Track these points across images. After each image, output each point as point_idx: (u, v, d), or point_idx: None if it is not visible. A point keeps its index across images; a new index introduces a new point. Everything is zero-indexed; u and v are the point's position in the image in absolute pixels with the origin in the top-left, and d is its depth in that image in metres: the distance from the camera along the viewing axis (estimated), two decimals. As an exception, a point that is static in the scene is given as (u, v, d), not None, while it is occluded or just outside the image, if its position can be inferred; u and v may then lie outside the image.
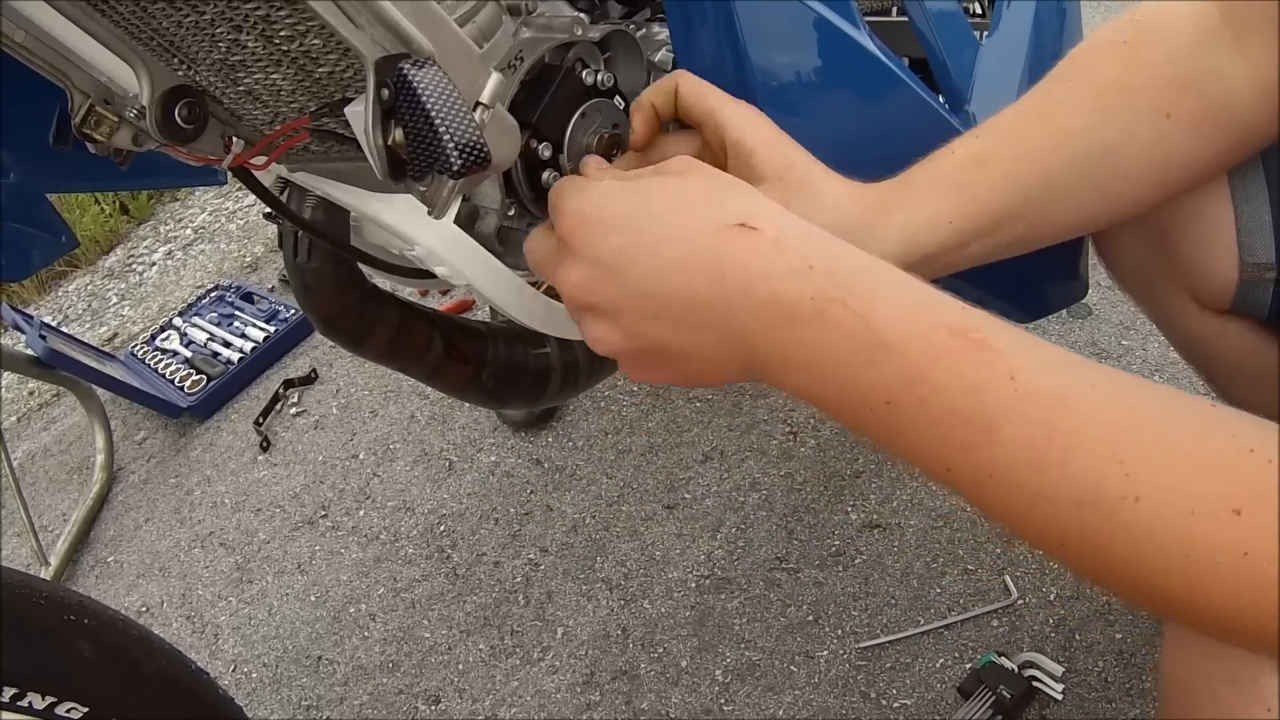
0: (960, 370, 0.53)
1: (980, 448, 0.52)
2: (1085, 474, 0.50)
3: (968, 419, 0.53)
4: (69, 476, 2.53)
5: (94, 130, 0.73)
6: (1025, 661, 1.39)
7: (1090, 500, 0.50)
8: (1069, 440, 0.51)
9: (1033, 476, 0.51)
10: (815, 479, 1.77)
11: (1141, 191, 0.76)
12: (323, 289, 0.94)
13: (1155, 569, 0.49)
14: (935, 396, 0.53)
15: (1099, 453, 0.50)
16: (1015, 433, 0.52)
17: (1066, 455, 0.50)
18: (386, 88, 0.53)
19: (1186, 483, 0.48)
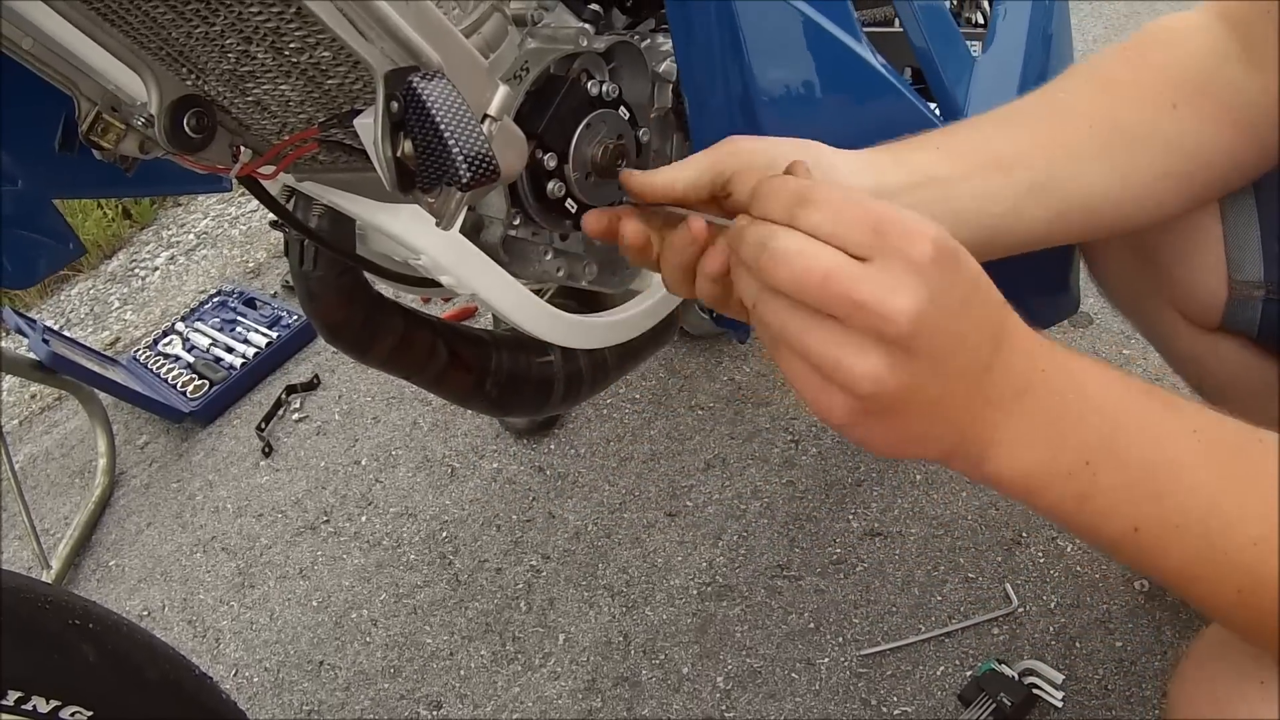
0: (1151, 425, 0.58)
1: (1169, 495, 0.57)
2: (1261, 511, 0.55)
3: (1159, 465, 0.57)
4: (70, 480, 2.53)
5: (101, 137, 0.73)
6: (1026, 669, 1.39)
7: (1265, 536, 0.55)
8: (1247, 483, 0.56)
9: (1218, 521, 0.56)
10: (817, 487, 1.77)
11: (1158, 177, 0.76)
12: (328, 297, 0.94)
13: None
14: (1130, 450, 0.58)
15: (1272, 492, 0.55)
16: (1202, 478, 0.56)
17: (1246, 497, 0.56)
18: (396, 100, 0.53)
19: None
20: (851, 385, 0.55)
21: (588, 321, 1.01)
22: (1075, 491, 0.58)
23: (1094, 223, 0.79)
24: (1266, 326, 0.86)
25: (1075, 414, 0.58)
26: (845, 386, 0.55)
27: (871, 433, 0.58)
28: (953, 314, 0.55)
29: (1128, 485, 0.57)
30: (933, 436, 0.59)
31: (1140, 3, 2.89)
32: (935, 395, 0.56)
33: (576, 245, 0.98)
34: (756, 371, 2.04)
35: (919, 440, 0.59)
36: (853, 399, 0.56)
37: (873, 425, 0.58)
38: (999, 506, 1.63)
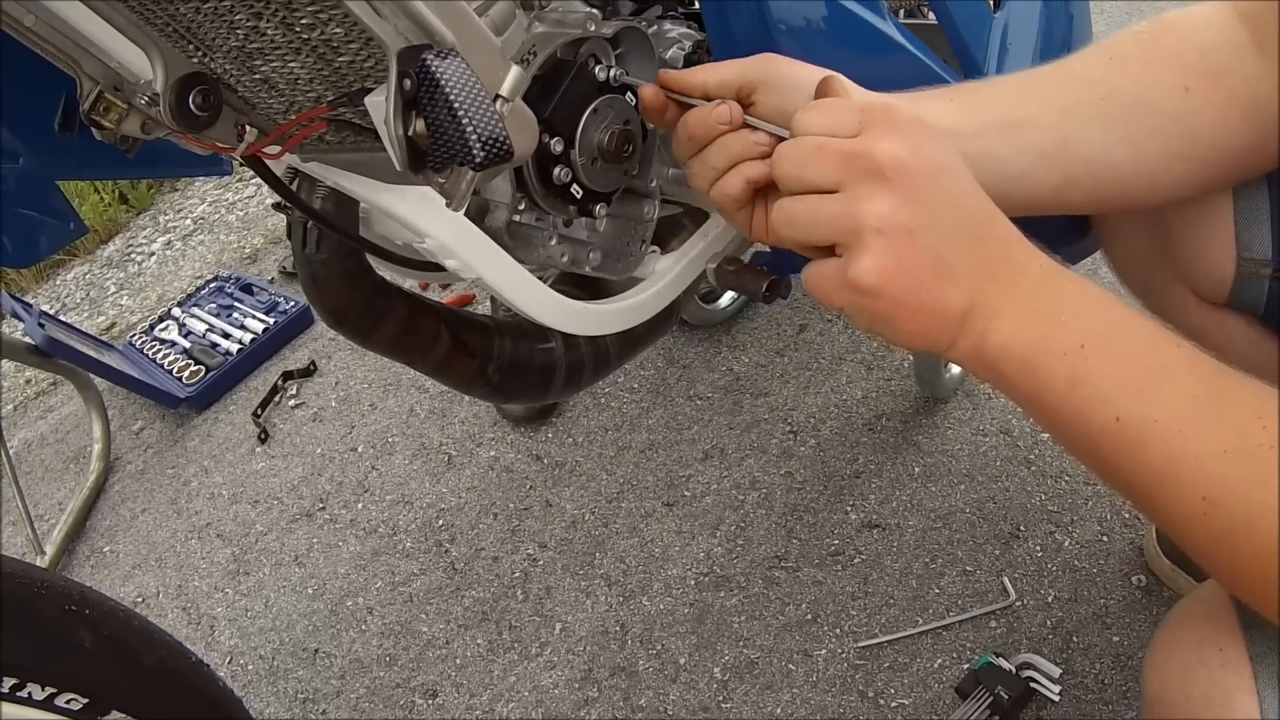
0: (1145, 332, 0.63)
1: (1155, 390, 0.61)
2: (1234, 424, 0.59)
3: (1152, 365, 0.62)
4: (65, 466, 2.52)
5: (102, 117, 0.72)
6: (1023, 663, 1.39)
7: (1235, 447, 0.58)
8: (1224, 396, 0.60)
9: (1193, 424, 0.60)
10: (815, 478, 1.77)
11: (1170, 157, 0.77)
12: (331, 281, 0.94)
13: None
14: (1124, 344, 0.62)
15: (1246, 410, 0.59)
16: (1189, 383, 0.61)
17: (1221, 408, 0.60)
18: (409, 78, 0.53)
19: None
20: (863, 223, 0.62)
21: (591, 308, 1.00)
22: (1068, 373, 0.62)
23: (1103, 193, 0.80)
24: (1271, 305, 0.86)
25: (1074, 304, 0.64)
26: (859, 231, 0.62)
27: (896, 299, 0.63)
28: (934, 166, 0.63)
29: (1117, 375, 0.61)
30: (945, 303, 0.63)
31: (1143, 2, 2.88)
32: (936, 246, 0.62)
33: (581, 231, 0.97)
34: (755, 362, 2.04)
35: (934, 308, 0.63)
36: (874, 254, 0.62)
37: (896, 287, 0.63)
38: (997, 500, 1.63)
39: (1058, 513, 1.59)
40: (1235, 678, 0.65)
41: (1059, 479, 1.63)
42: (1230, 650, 0.67)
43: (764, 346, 2.07)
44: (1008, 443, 1.72)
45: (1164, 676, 0.72)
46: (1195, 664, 0.69)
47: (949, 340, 0.65)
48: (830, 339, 2.03)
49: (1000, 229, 0.65)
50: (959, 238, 0.63)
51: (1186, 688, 0.69)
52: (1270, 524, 0.56)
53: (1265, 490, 0.56)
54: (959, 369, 1.81)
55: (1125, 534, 1.53)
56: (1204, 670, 0.68)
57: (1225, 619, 0.69)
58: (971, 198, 0.65)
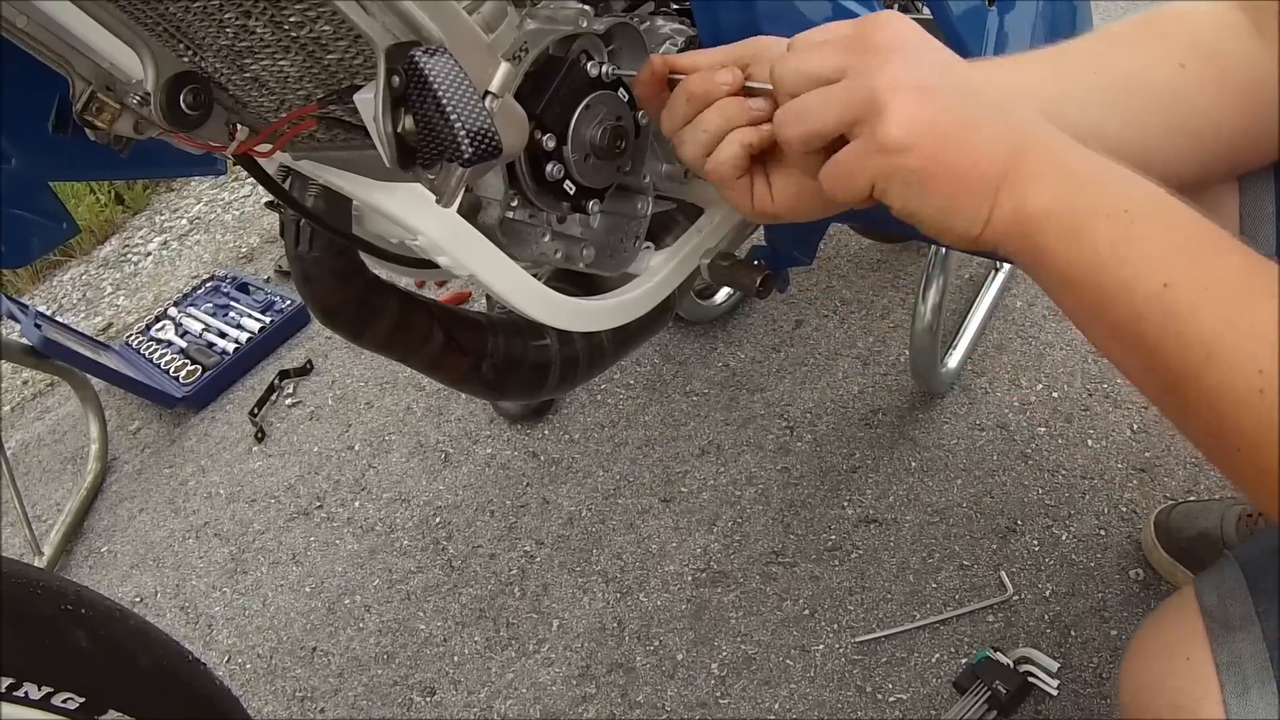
0: (1190, 210, 0.60)
1: (1206, 259, 0.58)
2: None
3: (1196, 233, 0.59)
4: (63, 466, 2.52)
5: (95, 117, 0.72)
6: (1020, 657, 1.39)
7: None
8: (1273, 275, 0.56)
9: (1248, 292, 0.56)
10: (812, 474, 1.77)
11: (1166, 132, 0.76)
12: (323, 279, 0.94)
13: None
14: (1168, 211, 0.60)
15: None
16: (1235, 260, 0.58)
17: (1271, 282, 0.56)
18: (397, 75, 0.53)
19: None
20: (877, 89, 0.62)
21: (585, 305, 1.00)
22: (1112, 235, 0.59)
23: None
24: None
25: (1113, 172, 0.61)
26: (874, 98, 0.62)
27: (929, 155, 0.62)
28: (936, 47, 0.65)
29: (1164, 239, 0.59)
30: (981, 156, 0.62)
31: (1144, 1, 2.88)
32: (960, 102, 0.63)
33: (574, 228, 0.97)
34: (751, 358, 2.04)
35: (969, 164, 0.62)
36: (897, 109, 0.62)
37: (927, 140, 0.62)
38: (994, 494, 1.63)
39: (1055, 507, 1.59)
40: (1202, 686, 0.65)
41: (1056, 473, 1.63)
42: (1197, 658, 0.67)
43: (760, 342, 2.07)
44: (1004, 437, 1.72)
45: (1135, 683, 0.73)
46: (1164, 672, 0.69)
47: (987, 207, 0.63)
48: (826, 334, 2.03)
49: (1020, 105, 0.65)
50: (980, 100, 0.63)
51: (1156, 695, 0.69)
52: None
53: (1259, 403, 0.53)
54: (956, 364, 1.81)
55: (1123, 528, 1.53)
56: (1172, 679, 0.68)
57: (1193, 628, 0.69)
58: (983, 80, 0.65)
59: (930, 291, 1.60)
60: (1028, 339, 1.88)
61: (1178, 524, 1.43)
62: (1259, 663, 0.64)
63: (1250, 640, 0.65)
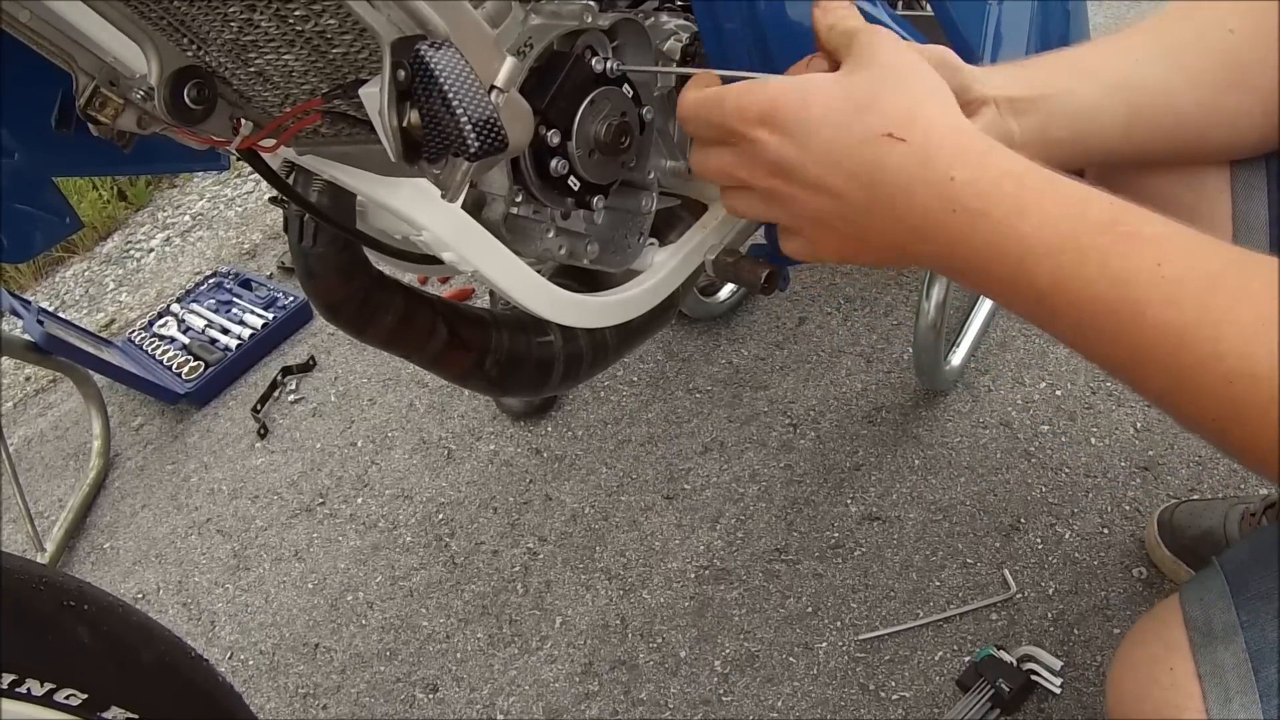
0: (1107, 264, 0.56)
1: (1132, 333, 0.56)
2: (1236, 348, 0.53)
3: (1116, 309, 0.56)
4: (65, 462, 2.52)
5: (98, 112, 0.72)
6: (1024, 655, 1.39)
7: (1241, 372, 0.52)
8: (1219, 320, 0.53)
9: (1189, 357, 0.54)
10: (815, 471, 1.77)
11: (1224, 87, 0.76)
12: (327, 274, 0.93)
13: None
14: (1086, 290, 0.56)
15: (1249, 325, 0.52)
16: (1167, 316, 0.54)
17: (1218, 333, 0.53)
18: (403, 69, 0.53)
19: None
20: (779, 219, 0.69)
21: (589, 301, 1.00)
22: (1036, 316, 0.60)
23: (1168, 128, 0.77)
24: None
25: (1014, 262, 0.59)
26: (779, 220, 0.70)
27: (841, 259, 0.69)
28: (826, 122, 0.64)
29: (1086, 325, 0.58)
30: (875, 250, 0.67)
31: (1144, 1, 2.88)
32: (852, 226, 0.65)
33: (578, 224, 0.97)
34: (754, 355, 2.04)
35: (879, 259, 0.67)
36: (796, 242, 0.70)
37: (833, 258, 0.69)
38: (997, 492, 1.63)
39: (1058, 505, 1.59)
40: (1184, 698, 0.65)
41: (1059, 471, 1.63)
42: (1180, 670, 0.67)
43: (763, 339, 2.07)
44: (1008, 435, 1.72)
45: (1121, 694, 0.73)
46: (1147, 682, 0.69)
47: (913, 258, 0.65)
48: (829, 332, 2.03)
49: (918, 134, 0.62)
50: (877, 190, 0.63)
51: (1139, 705, 0.69)
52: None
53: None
54: (959, 361, 1.81)
55: (1126, 526, 1.53)
56: (1155, 689, 0.68)
57: (1176, 639, 0.69)
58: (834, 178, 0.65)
59: (934, 289, 1.60)
60: (1031, 337, 1.88)
61: (1181, 522, 1.43)
62: (1241, 672, 0.64)
63: (1233, 651, 0.65)
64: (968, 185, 0.59)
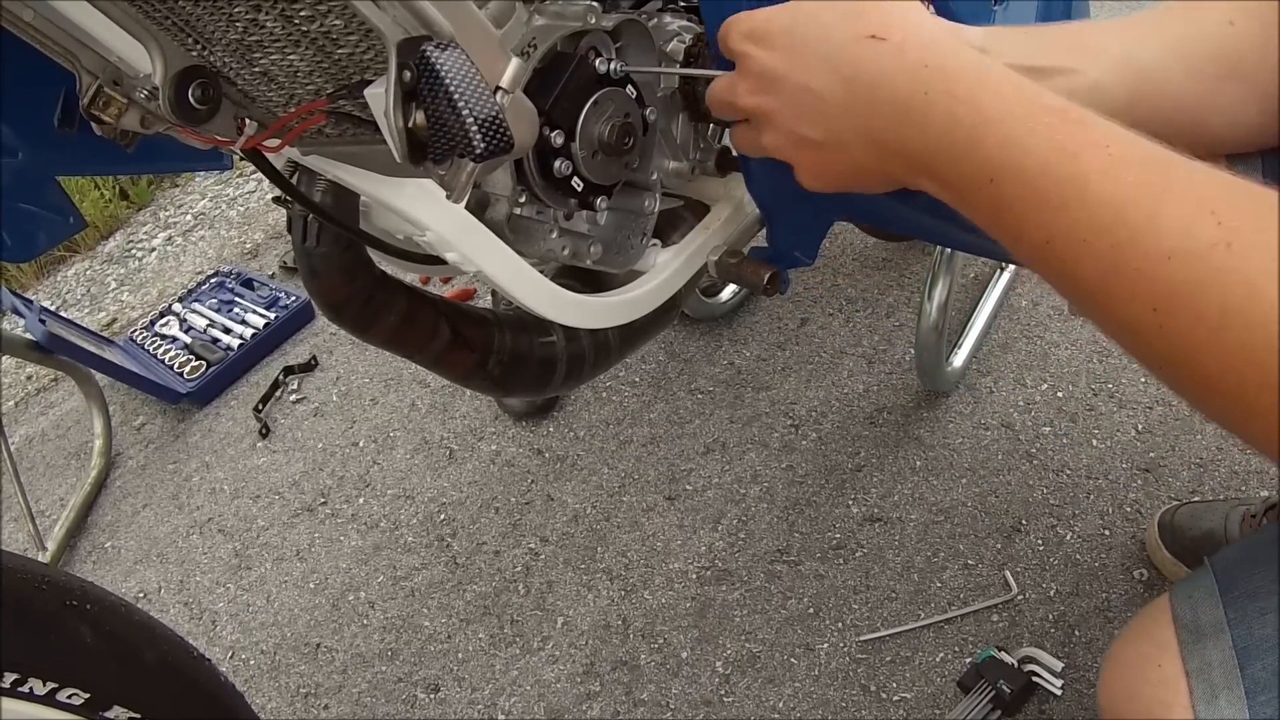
0: (1055, 137, 0.57)
1: (1073, 206, 0.56)
2: (1176, 224, 0.52)
3: (1063, 178, 0.56)
4: (67, 461, 2.52)
5: (102, 112, 0.72)
6: (1025, 656, 1.39)
7: (1181, 249, 0.52)
8: (1160, 193, 0.53)
9: (1125, 231, 0.54)
10: (817, 472, 1.77)
11: (1222, 78, 0.77)
12: (330, 274, 0.93)
13: (1251, 318, 0.50)
14: (1031, 159, 0.58)
15: (1190, 204, 0.52)
16: (1108, 188, 0.55)
17: (1158, 207, 0.53)
18: (408, 70, 0.53)
19: (1278, 232, 0.50)
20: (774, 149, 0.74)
21: (592, 301, 1.00)
22: (989, 201, 0.61)
23: (1168, 112, 0.78)
24: None
25: (967, 133, 0.61)
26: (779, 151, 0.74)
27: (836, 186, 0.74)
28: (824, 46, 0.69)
29: (1031, 197, 0.58)
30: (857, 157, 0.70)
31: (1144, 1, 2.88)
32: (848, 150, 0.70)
33: (581, 224, 0.97)
34: (756, 356, 2.04)
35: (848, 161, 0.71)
36: (801, 170, 0.74)
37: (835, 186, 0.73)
38: (999, 494, 1.63)
39: (1059, 506, 1.59)
40: (1172, 695, 0.66)
41: (1060, 473, 1.63)
42: (1168, 667, 0.68)
43: (765, 340, 2.07)
44: (1009, 436, 1.72)
45: (1111, 692, 0.74)
46: (1137, 681, 0.70)
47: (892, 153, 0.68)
48: (831, 333, 2.03)
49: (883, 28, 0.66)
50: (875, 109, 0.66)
51: (1130, 703, 0.70)
52: (1235, 332, 0.51)
53: (1221, 293, 0.51)
54: (961, 363, 1.81)
55: (1127, 528, 1.53)
56: (1144, 686, 0.69)
57: (1165, 637, 0.70)
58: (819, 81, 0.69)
59: (936, 290, 1.60)
60: (1033, 338, 1.88)
61: (1182, 524, 1.43)
62: (1227, 669, 0.65)
63: (1220, 648, 0.66)
64: (937, 70, 0.63)
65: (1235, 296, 0.50)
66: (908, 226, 0.72)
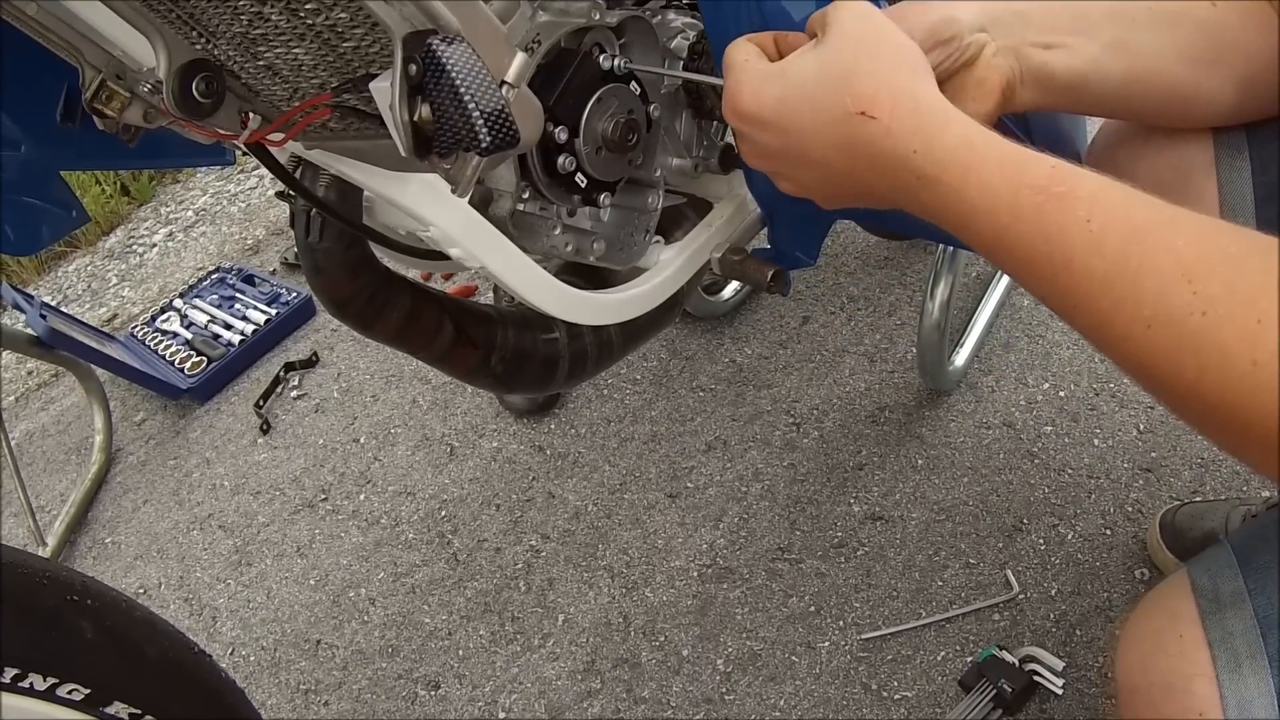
0: (1041, 219, 0.60)
1: (1062, 278, 0.60)
2: (1154, 294, 0.56)
3: (1050, 256, 0.60)
4: (67, 457, 2.52)
5: (105, 106, 0.72)
6: (1026, 655, 1.39)
7: (1160, 318, 0.56)
8: (1139, 265, 0.57)
9: (1109, 301, 0.58)
10: (818, 470, 1.77)
11: (1208, 62, 0.79)
12: (334, 270, 0.93)
13: (1226, 378, 0.54)
14: (1019, 244, 0.62)
15: (1167, 274, 0.56)
16: (1092, 264, 0.58)
17: (1138, 279, 0.56)
18: (415, 63, 0.52)
19: (1252, 296, 0.53)
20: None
21: (594, 298, 1.00)
22: (996, 264, 0.66)
23: (1160, 91, 0.81)
24: None
25: (959, 220, 0.65)
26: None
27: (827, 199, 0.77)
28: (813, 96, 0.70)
29: (1022, 270, 0.63)
30: (867, 197, 0.73)
31: None
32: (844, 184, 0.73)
33: (584, 221, 0.97)
34: (758, 354, 2.03)
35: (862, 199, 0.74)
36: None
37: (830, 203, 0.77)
38: (1000, 493, 1.63)
39: (1061, 506, 1.58)
40: (1194, 663, 0.66)
41: (1062, 472, 1.63)
42: (1189, 638, 0.67)
43: (767, 338, 2.07)
44: (1011, 435, 1.72)
45: (1129, 666, 0.73)
46: (1156, 652, 0.70)
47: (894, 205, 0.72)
48: (833, 331, 2.03)
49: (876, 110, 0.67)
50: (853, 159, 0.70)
51: (1148, 675, 0.69)
52: (1213, 390, 0.55)
53: (1198, 358, 0.55)
54: (963, 362, 1.81)
55: (1128, 527, 1.53)
56: (1164, 658, 0.69)
57: (1185, 608, 0.69)
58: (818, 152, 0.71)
59: (938, 289, 1.60)
60: (1035, 338, 1.88)
61: (1183, 524, 1.42)
62: (1250, 638, 0.64)
63: (1241, 617, 0.66)
64: (925, 156, 0.65)
65: (1211, 360, 0.54)
66: (910, 226, 0.73)
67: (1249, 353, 0.52)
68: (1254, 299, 0.53)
